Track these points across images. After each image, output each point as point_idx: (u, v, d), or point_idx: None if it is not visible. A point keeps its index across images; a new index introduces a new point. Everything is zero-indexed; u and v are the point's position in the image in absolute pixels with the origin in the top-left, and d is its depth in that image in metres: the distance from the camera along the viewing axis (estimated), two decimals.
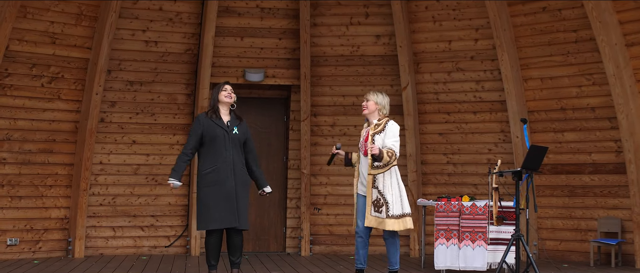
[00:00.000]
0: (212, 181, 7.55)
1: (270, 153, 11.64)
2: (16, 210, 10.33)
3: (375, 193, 7.70)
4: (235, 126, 7.73)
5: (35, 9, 10.18)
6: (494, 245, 8.99)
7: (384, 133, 7.75)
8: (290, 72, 11.48)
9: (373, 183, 7.69)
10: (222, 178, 7.55)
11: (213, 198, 7.52)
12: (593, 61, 10.19)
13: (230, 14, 11.32)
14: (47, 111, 10.51)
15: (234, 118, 7.82)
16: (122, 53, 10.97)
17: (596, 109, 10.27)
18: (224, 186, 7.54)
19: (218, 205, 7.51)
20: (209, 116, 7.73)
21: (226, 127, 7.69)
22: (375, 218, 7.68)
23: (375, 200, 7.69)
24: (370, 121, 7.91)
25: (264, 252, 11.42)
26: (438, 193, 11.11)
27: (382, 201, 7.67)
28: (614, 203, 10.15)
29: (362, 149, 7.83)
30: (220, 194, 7.53)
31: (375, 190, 7.70)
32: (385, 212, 7.64)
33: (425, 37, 11.29)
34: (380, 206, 7.67)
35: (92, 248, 10.82)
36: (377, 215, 7.67)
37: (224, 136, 7.64)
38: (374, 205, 7.68)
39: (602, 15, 9.70)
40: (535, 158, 8.25)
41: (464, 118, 11.22)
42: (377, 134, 7.75)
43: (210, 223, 7.53)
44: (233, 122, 7.77)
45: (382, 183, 7.68)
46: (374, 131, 7.78)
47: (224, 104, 7.81)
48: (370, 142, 7.70)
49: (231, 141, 7.65)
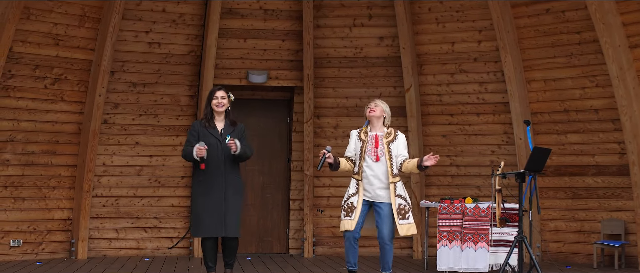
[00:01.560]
0: (204, 190, 7.68)
1: (273, 155, 11.64)
2: (19, 212, 10.34)
3: (398, 201, 7.73)
4: (228, 134, 7.78)
5: (38, 11, 10.19)
6: (497, 247, 8.99)
7: (398, 142, 7.81)
8: (293, 74, 11.48)
9: (394, 190, 7.72)
10: (213, 188, 7.66)
11: (203, 207, 7.66)
12: (596, 63, 10.17)
13: (234, 16, 11.33)
14: (50, 112, 10.52)
15: (227, 125, 7.85)
16: (125, 55, 10.98)
17: (599, 111, 10.25)
18: (215, 196, 7.67)
19: (207, 215, 7.65)
20: (204, 125, 7.80)
21: (219, 136, 7.76)
22: (404, 225, 7.74)
23: (399, 207, 7.71)
24: (373, 126, 7.86)
25: (267, 254, 11.41)
26: (441, 195, 11.10)
27: (407, 207, 7.74)
28: (617, 205, 10.13)
29: (373, 155, 7.77)
30: (210, 203, 7.66)
31: (398, 198, 7.73)
32: (412, 217, 7.79)
33: (428, 38, 11.28)
34: (406, 212, 7.73)
35: (95, 250, 10.83)
36: (406, 221, 7.74)
37: (216, 145, 7.72)
38: (399, 212, 7.70)
39: (606, 16, 9.69)
40: (538, 159, 8.25)
41: (467, 119, 11.21)
42: (391, 143, 7.77)
43: (199, 231, 7.72)
44: (227, 129, 7.81)
45: (403, 190, 7.77)
46: (387, 139, 7.78)
47: (217, 112, 7.87)
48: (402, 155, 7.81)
49: (224, 150, 7.71)
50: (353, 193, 7.80)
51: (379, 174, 7.71)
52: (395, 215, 7.68)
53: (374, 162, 7.72)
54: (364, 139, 7.81)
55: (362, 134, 7.85)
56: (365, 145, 7.77)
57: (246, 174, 11.57)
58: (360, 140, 7.83)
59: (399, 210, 7.70)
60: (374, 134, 7.80)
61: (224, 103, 7.83)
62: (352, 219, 7.73)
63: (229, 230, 7.67)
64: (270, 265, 10.08)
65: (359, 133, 7.88)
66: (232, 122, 7.89)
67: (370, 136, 7.82)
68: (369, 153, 7.75)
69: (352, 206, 7.75)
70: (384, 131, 7.83)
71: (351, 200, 7.78)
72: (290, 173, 11.59)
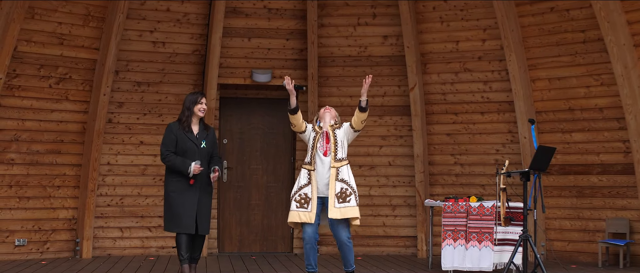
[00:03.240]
0: (179, 188, 8.05)
1: (277, 154, 11.64)
2: (24, 211, 10.35)
3: (340, 185, 7.76)
4: (203, 139, 8.11)
5: (43, 10, 10.21)
6: (501, 246, 8.97)
7: (342, 127, 8.00)
8: (298, 73, 11.48)
9: (337, 175, 7.75)
10: (190, 188, 8.02)
11: (177, 205, 8.03)
12: (601, 62, 10.15)
13: (238, 15, 11.33)
14: (55, 111, 10.53)
15: (202, 129, 8.17)
16: (129, 54, 10.99)
17: (604, 110, 10.24)
18: (188, 196, 8.03)
19: (181, 212, 8.02)
20: (181, 127, 8.06)
21: (196, 140, 8.05)
22: (339, 209, 7.71)
23: (339, 192, 7.72)
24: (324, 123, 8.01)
25: (271, 253, 11.42)
26: (445, 194, 11.09)
27: (349, 190, 7.76)
28: (622, 203, 10.12)
29: (323, 149, 7.84)
30: (184, 202, 8.03)
31: (340, 182, 7.76)
32: (355, 200, 7.76)
33: (432, 37, 11.27)
34: (347, 195, 7.72)
35: (99, 249, 10.85)
36: (345, 204, 7.71)
37: (194, 150, 8.04)
38: (338, 197, 7.71)
39: (611, 15, 9.67)
40: (543, 158, 8.24)
41: (471, 118, 11.20)
42: (336, 130, 7.96)
43: (175, 227, 8.05)
44: (201, 134, 8.14)
45: (347, 175, 7.82)
46: (333, 128, 7.98)
47: (196, 116, 8.14)
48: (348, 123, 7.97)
49: (199, 154, 8.05)
50: (305, 184, 7.88)
51: (326, 165, 7.83)
52: (334, 199, 7.70)
53: (323, 156, 7.85)
54: (317, 132, 7.97)
55: (317, 127, 8.04)
56: (318, 138, 7.92)
57: (250, 173, 11.60)
58: (314, 131, 8.01)
59: (340, 193, 7.74)
60: (325, 130, 7.98)
61: (206, 109, 8.21)
62: (309, 211, 7.75)
63: (201, 228, 8.11)
64: (275, 264, 10.08)
65: (314, 125, 8.07)
66: (206, 126, 8.22)
67: (323, 131, 7.98)
68: (320, 147, 7.88)
69: (306, 197, 7.80)
70: (333, 125, 8.05)
71: (305, 191, 7.83)
72: (294, 173, 11.58)
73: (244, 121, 11.62)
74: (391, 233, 11.32)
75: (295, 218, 7.80)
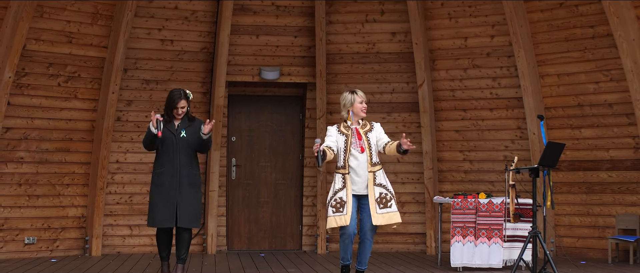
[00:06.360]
0: (159, 182, 8.01)
1: (286, 151, 11.65)
2: (34, 209, 10.38)
3: (378, 190, 7.69)
4: (183, 128, 8.03)
5: (51, 9, 10.23)
6: (510, 242, 8.96)
7: (375, 130, 7.78)
8: (306, 70, 11.48)
9: (374, 180, 7.68)
10: (167, 181, 7.96)
11: (157, 200, 7.97)
12: (610, 57, 10.12)
13: (246, 12, 11.33)
14: (64, 110, 10.56)
15: (185, 120, 8.09)
16: (138, 52, 11.01)
17: (614, 106, 10.20)
18: (168, 189, 7.95)
19: (160, 206, 7.95)
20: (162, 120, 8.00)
21: (175, 131, 8.00)
22: (382, 215, 7.64)
23: (379, 197, 7.67)
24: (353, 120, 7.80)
25: (281, 250, 11.42)
26: (454, 191, 11.07)
27: (389, 195, 7.67)
28: (632, 199, 10.08)
29: (358, 147, 7.73)
30: (163, 196, 7.95)
31: (379, 187, 7.69)
32: (395, 205, 7.68)
33: (441, 34, 11.25)
34: (388, 200, 7.67)
35: (109, 247, 10.87)
36: (387, 210, 7.65)
37: (172, 140, 7.98)
38: (379, 202, 7.65)
39: (620, 10, 9.63)
40: (552, 154, 8.22)
41: (480, 114, 11.18)
42: (368, 133, 7.75)
43: (152, 222, 8.00)
44: (183, 124, 8.05)
45: (384, 179, 7.73)
46: (364, 130, 7.77)
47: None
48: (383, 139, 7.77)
49: (178, 144, 7.98)
50: (340, 188, 7.74)
51: (362, 164, 7.69)
52: (375, 204, 7.66)
53: (360, 153, 7.71)
54: (346, 133, 7.76)
55: (343, 128, 7.80)
56: (350, 138, 7.75)
57: (259, 170, 11.60)
58: (342, 134, 7.78)
59: (380, 198, 7.67)
60: (355, 127, 7.80)
61: (184, 112, 8.06)
62: (345, 214, 7.64)
63: (181, 220, 7.90)
64: (284, 262, 10.08)
65: (339, 127, 7.84)
66: (190, 118, 8.13)
67: (352, 129, 7.79)
68: (355, 146, 7.72)
69: (342, 201, 7.67)
70: (360, 123, 7.85)
71: (340, 195, 7.68)
72: (303, 170, 11.59)
73: (253, 118, 11.62)
74: (400, 230, 11.29)
75: (332, 223, 7.68)
